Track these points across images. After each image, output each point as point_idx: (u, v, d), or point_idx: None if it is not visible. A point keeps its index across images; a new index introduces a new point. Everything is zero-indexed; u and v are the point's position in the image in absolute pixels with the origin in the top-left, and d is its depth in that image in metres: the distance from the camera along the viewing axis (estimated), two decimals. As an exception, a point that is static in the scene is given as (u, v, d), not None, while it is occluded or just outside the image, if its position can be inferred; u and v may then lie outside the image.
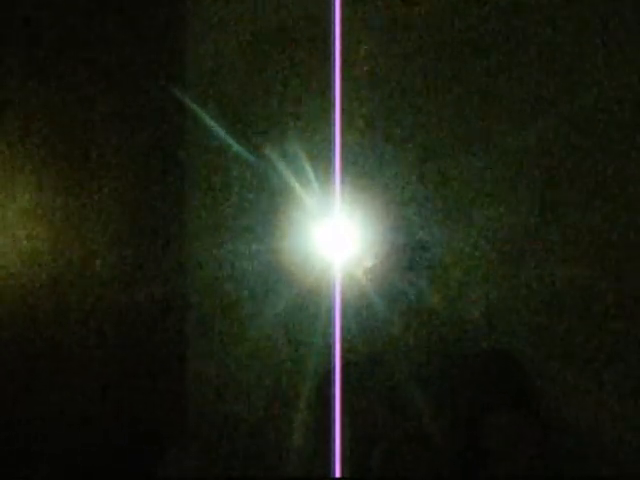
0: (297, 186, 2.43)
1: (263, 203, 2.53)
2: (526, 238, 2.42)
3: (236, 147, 2.52)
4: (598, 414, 2.34)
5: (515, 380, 2.36)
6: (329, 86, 2.41)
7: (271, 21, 2.56)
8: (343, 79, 2.42)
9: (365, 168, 2.47)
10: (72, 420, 2.30)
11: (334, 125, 2.41)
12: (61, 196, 2.31)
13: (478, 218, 2.44)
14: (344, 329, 2.30)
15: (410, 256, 2.36)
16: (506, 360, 2.38)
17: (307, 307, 2.41)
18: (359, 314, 2.33)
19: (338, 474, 2.22)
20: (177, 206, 2.63)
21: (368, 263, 2.35)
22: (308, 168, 2.43)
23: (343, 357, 2.28)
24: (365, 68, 2.49)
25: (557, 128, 2.42)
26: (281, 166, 2.47)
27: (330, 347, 2.29)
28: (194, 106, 2.55)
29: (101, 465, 2.31)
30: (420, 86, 2.50)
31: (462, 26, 2.46)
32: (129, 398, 2.45)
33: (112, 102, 2.44)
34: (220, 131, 2.53)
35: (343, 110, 2.42)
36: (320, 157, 2.43)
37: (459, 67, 2.47)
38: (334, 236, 2.38)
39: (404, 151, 2.49)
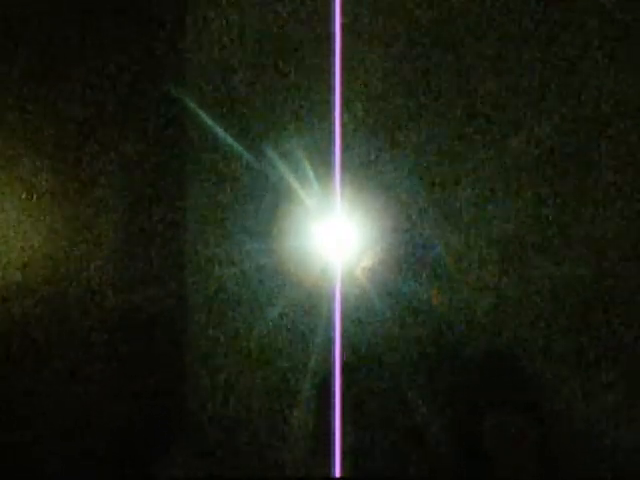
0: (297, 186, 2.43)
1: (263, 203, 2.53)
2: (526, 238, 2.42)
3: (236, 147, 2.53)
4: (598, 414, 2.35)
5: (516, 380, 2.36)
6: (329, 86, 2.42)
7: (271, 21, 2.56)
8: (343, 79, 2.42)
9: (365, 168, 2.48)
10: (72, 421, 2.30)
11: (334, 125, 2.41)
12: (60, 197, 2.32)
13: (478, 218, 2.44)
14: (344, 329, 2.30)
15: (410, 256, 2.36)
16: (507, 360, 2.38)
17: (307, 307, 2.42)
18: (359, 314, 2.33)
19: (338, 474, 2.22)
20: (177, 206, 2.63)
21: (368, 263, 2.35)
22: (308, 168, 2.44)
23: (343, 357, 2.28)
24: (366, 68, 2.49)
25: (558, 128, 2.43)
26: (281, 166, 2.47)
27: (330, 347, 2.29)
28: (194, 106, 2.55)
29: (101, 465, 2.32)
30: (420, 87, 2.50)
31: (464, 25, 2.46)
32: (129, 398, 2.45)
33: (112, 103, 2.44)
34: (220, 131, 2.53)
35: (343, 111, 2.43)
36: (320, 157, 2.43)
37: (461, 67, 2.47)
38: (334, 236, 2.39)
39: (404, 151, 2.50)
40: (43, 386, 2.25)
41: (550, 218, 2.42)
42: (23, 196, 2.23)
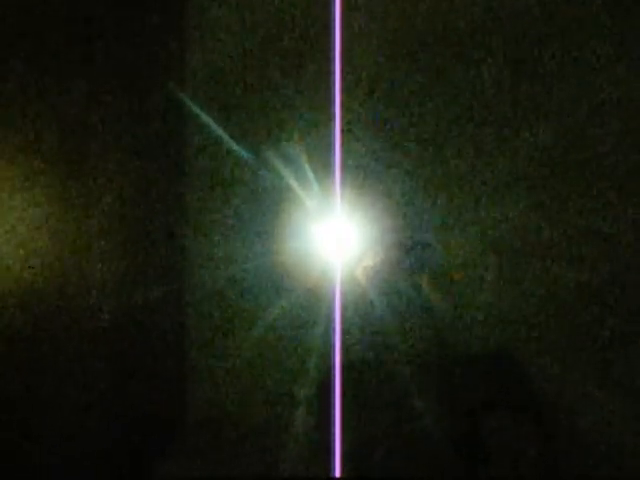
0: (297, 187, 2.44)
1: (264, 204, 2.54)
2: (526, 238, 2.42)
3: (236, 148, 2.53)
4: (597, 414, 2.35)
5: (515, 380, 2.36)
6: (329, 87, 2.42)
7: (271, 22, 2.57)
8: (343, 80, 2.43)
9: (365, 169, 2.48)
10: (71, 421, 2.30)
11: (334, 126, 2.42)
12: (60, 197, 2.32)
13: (478, 218, 2.44)
14: (344, 329, 2.30)
15: (410, 256, 2.36)
16: (506, 360, 2.38)
17: (307, 307, 2.42)
18: (359, 314, 2.33)
19: (338, 474, 2.22)
20: (178, 207, 2.64)
21: (368, 263, 2.36)
22: (308, 169, 2.44)
23: (343, 357, 2.28)
24: (365, 69, 2.50)
25: (557, 129, 2.43)
26: (281, 167, 2.47)
27: (330, 347, 2.29)
28: (194, 107, 2.56)
29: (101, 464, 2.32)
30: (420, 88, 2.51)
31: (464, 25, 2.47)
32: (129, 398, 2.45)
33: (112, 103, 2.44)
34: (220, 132, 2.54)
35: (343, 111, 2.43)
36: (320, 158, 2.44)
37: (461, 68, 2.48)
38: (334, 236, 2.39)
39: (404, 152, 2.50)
40: (41, 386, 2.25)
41: (549, 219, 2.43)
42: (23, 197, 2.23)
